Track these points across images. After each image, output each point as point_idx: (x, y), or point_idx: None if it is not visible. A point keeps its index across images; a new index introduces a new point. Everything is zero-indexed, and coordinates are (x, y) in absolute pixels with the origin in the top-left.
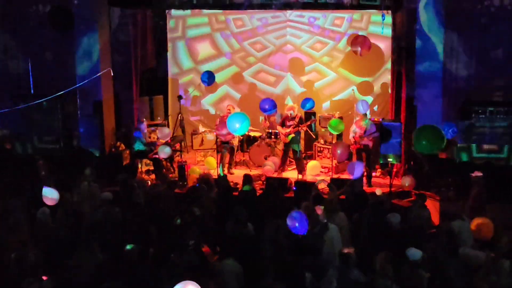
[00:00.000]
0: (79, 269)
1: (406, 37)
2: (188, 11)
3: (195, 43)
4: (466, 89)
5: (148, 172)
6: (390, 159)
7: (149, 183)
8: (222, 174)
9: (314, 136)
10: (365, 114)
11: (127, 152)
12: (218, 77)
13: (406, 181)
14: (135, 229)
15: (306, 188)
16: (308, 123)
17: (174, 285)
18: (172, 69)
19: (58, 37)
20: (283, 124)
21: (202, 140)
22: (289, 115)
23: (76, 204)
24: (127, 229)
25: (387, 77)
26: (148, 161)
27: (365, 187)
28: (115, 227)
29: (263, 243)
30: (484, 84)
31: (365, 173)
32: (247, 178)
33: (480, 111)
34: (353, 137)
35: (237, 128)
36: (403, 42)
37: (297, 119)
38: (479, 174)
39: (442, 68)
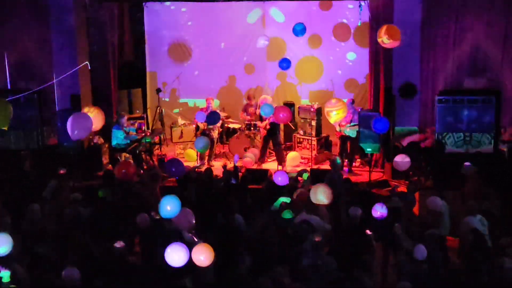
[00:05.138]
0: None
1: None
2: (167, 3)
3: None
4: (443, 78)
5: None
6: (369, 149)
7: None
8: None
9: (293, 127)
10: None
11: (106, 146)
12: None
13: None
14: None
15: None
16: None
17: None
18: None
19: (33, 30)
20: (261, 118)
21: (182, 133)
22: None
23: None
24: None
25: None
26: (127, 155)
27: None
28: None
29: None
30: (461, 74)
31: (346, 161)
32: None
33: (457, 100)
34: (339, 125)
35: None
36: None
37: None
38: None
39: (420, 58)
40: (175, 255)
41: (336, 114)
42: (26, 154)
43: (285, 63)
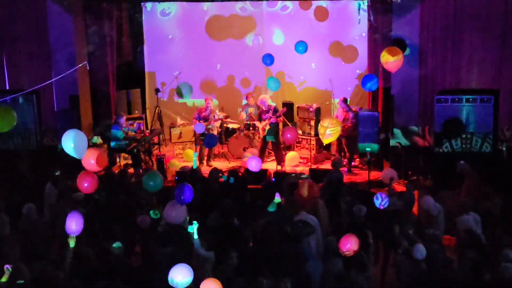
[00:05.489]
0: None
1: (382, 26)
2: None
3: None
4: (442, 78)
5: (126, 166)
6: (368, 149)
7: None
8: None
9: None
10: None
11: (105, 146)
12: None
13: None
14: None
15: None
16: (279, 113)
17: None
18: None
19: (32, 31)
20: (260, 119)
21: (181, 133)
22: (263, 108)
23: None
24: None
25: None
26: (127, 155)
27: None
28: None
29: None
30: (459, 74)
31: (346, 160)
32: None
33: (456, 99)
34: None
35: None
36: (379, 31)
37: (271, 111)
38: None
39: (419, 57)
40: (179, 276)
41: (329, 134)
42: (24, 155)
43: (268, 60)
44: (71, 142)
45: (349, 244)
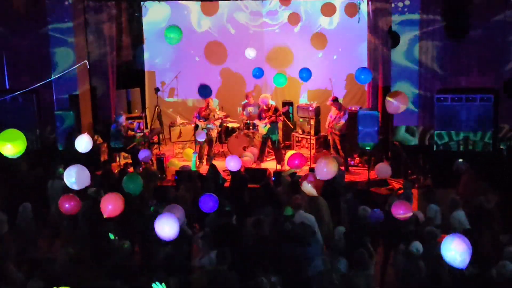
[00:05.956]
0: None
1: (382, 26)
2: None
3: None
4: (441, 77)
5: (126, 165)
6: (367, 148)
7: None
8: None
9: (292, 126)
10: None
11: (105, 145)
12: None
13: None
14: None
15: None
16: (279, 112)
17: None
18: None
19: (32, 31)
20: (260, 117)
21: (180, 132)
22: (264, 107)
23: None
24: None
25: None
26: (126, 154)
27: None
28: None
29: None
30: (459, 74)
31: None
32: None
33: (456, 99)
34: (329, 121)
35: None
36: (379, 30)
37: (272, 110)
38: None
39: (419, 57)
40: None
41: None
42: (24, 154)
43: (258, 73)
44: (73, 177)
45: (402, 210)
